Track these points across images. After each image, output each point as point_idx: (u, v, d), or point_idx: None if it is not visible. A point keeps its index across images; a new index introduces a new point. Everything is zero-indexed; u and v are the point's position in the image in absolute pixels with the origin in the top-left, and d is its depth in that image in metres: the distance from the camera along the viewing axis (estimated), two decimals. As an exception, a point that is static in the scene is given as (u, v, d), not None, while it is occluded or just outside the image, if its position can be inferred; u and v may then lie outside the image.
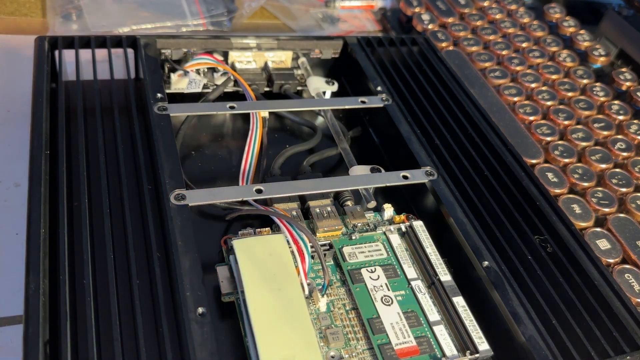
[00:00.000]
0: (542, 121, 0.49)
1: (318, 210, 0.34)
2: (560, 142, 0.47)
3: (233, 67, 0.44)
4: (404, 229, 0.35)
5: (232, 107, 0.39)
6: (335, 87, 0.45)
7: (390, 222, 0.35)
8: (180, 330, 0.27)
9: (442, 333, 0.30)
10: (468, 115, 0.42)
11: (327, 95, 0.45)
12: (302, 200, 0.35)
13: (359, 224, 0.34)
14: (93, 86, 0.38)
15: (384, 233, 0.34)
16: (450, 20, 0.60)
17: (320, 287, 0.31)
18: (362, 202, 0.36)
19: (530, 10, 0.63)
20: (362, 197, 0.36)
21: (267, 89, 0.45)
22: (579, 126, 0.49)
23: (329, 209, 0.34)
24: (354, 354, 0.29)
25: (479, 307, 0.31)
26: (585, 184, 0.44)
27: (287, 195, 0.34)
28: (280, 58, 0.45)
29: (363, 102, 0.42)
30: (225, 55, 0.44)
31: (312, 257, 0.32)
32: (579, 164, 0.46)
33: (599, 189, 0.44)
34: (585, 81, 0.55)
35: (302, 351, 0.27)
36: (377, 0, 0.63)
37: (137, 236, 0.31)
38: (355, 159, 0.39)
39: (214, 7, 0.40)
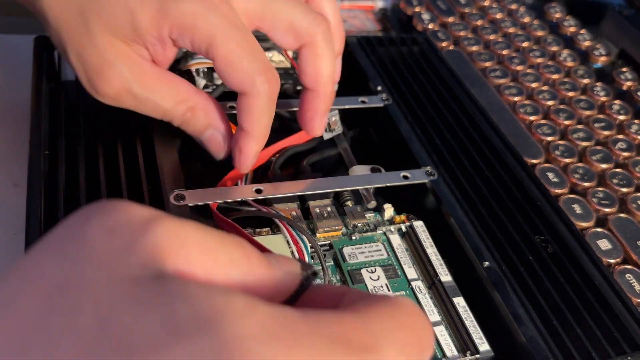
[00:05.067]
0: (543, 121, 0.49)
1: (318, 211, 0.34)
2: (560, 142, 0.47)
3: (233, 66, 0.44)
4: (404, 229, 0.35)
5: (231, 107, 0.39)
6: (335, 87, 0.45)
7: (391, 222, 0.35)
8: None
9: (442, 334, 0.30)
10: (468, 114, 0.42)
11: (327, 95, 0.45)
12: (302, 200, 0.35)
13: (359, 224, 0.34)
14: (92, 86, 0.38)
15: (384, 233, 0.34)
16: (450, 19, 0.60)
17: (320, 287, 0.31)
18: (362, 202, 0.36)
19: (530, 10, 0.63)
20: (362, 197, 0.36)
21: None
22: (580, 126, 0.49)
23: (329, 209, 0.34)
24: (354, 355, 0.29)
25: (479, 308, 0.31)
26: (586, 184, 0.44)
27: (287, 195, 0.34)
28: (279, 58, 0.45)
29: (363, 102, 0.42)
30: (225, 55, 0.43)
31: (312, 257, 0.32)
32: (579, 164, 0.46)
33: (600, 189, 0.44)
34: (586, 81, 0.55)
35: (302, 352, 0.26)
36: (377, 0, 0.63)
37: (136, 236, 0.31)
38: (355, 159, 0.39)
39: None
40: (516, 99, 0.51)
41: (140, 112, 0.31)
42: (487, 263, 0.32)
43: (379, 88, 0.43)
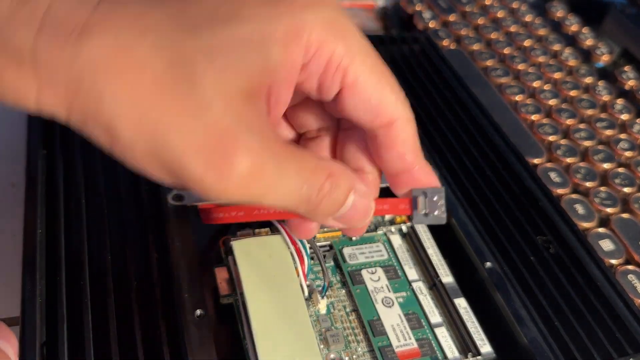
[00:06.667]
0: (545, 120, 0.49)
1: (318, 211, 0.34)
2: (562, 141, 0.47)
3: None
4: (405, 230, 0.34)
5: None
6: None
7: (391, 222, 0.35)
8: (178, 333, 0.27)
9: (443, 335, 0.30)
10: (470, 114, 0.42)
11: (328, 94, 0.45)
12: (302, 200, 0.34)
13: (360, 225, 0.34)
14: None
15: (385, 234, 0.34)
16: (451, 18, 0.59)
17: (320, 288, 0.30)
18: (363, 202, 0.35)
19: (532, 9, 0.63)
20: (362, 197, 0.36)
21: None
22: (582, 125, 0.49)
23: (329, 209, 0.34)
24: (354, 356, 0.28)
25: (480, 309, 0.31)
26: (588, 184, 0.44)
27: (287, 195, 0.34)
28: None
29: (364, 101, 0.42)
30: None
31: (312, 258, 0.31)
32: (581, 164, 0.45)
33: (602, 189, 0.43)
34: (588, 80, 0.54)
35: (302, 353, 0.26)
36: (378, -2, 0.63)
37: (134, 237, 0.31)
38: (356, 159, 0.39)
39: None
40: (518, 98, 0.51)
41: (259, 204, 0.23)
42: (488, 264, 0.32)
43: (380, 87, 0.43)
